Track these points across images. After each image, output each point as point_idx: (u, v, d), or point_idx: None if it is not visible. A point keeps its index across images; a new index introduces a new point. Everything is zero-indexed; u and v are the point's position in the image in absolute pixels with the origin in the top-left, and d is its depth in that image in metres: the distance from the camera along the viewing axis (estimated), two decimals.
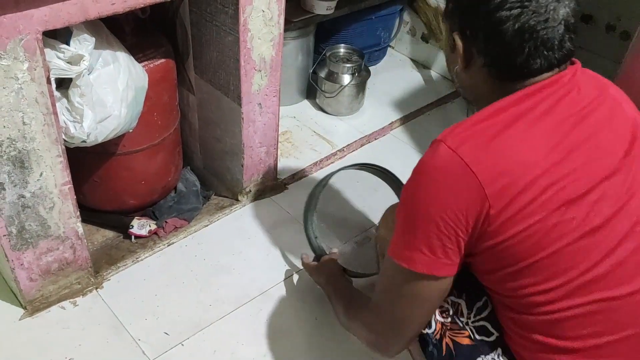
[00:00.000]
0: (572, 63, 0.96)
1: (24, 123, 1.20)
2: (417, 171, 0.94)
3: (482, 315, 1.01)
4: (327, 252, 1.57)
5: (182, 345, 1.43)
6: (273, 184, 1.88)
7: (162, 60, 1.52)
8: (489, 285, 0.98)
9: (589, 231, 0.87)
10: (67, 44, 1.22)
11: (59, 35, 1.22)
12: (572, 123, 0.90)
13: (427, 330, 1.04)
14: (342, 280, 1.42)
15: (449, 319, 1.03)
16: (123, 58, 1.36)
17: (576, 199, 0.87)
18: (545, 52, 0.90)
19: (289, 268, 1.64)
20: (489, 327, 1.01)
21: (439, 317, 1.04)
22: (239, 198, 1.82)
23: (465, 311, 1.02)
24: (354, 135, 2.14)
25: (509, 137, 0.88)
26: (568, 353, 0.91)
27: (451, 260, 0.93)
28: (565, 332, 0.90)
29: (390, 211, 1.27)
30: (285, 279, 1.61)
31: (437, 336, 1.03)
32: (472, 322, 1.02)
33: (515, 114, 0.89)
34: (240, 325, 1.49)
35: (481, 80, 0.97)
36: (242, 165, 1.74)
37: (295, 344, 1.46)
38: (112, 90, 1.32)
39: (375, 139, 2.17)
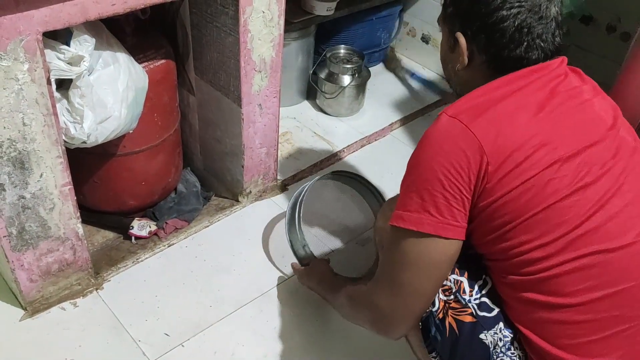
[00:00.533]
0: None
1: (24, 124, 1.20)
2: (420, 140, 0.99)
3: (483, 292, 1.03)
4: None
5: (183, 346, 1.43)
6: (273, 185, 1.88)
7: (163, 61, 1.52)
8: (487, 251, 1.00)
9: (581, 187, 0.92)
10: (68, 44, 1.22)
11: (59, 36, 1.22)
12: (562, 99, 0.97)
13: (430, 308, 1.04)
14: (335, 278, 1.42)
15: (452, 297, 1.04)
16: (123, 59, 1.36)
17: (568, 158, 0.92)
18: (542, 44, 0.99)
19: (289, 270, 1.64)
20: (490, 303, 1.02)
21: (442, 296, 1.05)
22: (239, 199, 1.82)
23: (467, 288, 1.04)
24: (354, 136, 2.15)
25: (504, 107, 0.95)
26: (565, 309, 0.93)
27: (458, 222, 0.96)
28: (561, 288, 0.93)
29: (388, 203, 1.28)
30: (285, 280, 1.61)
31: (440, 315, 1.04)
32: (474, 299, 1.03)
33: (510, 90, 0.97)
34: (240, 326, 1.49)
35: (480, 76, 1.02)
36: (243, 166, 1.74)
37: (296, 344, 1.46)
38: (113, 91, 1.32)
39: (376, 140, 2.17)
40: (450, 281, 1.05)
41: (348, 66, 2.19)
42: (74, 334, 1.43)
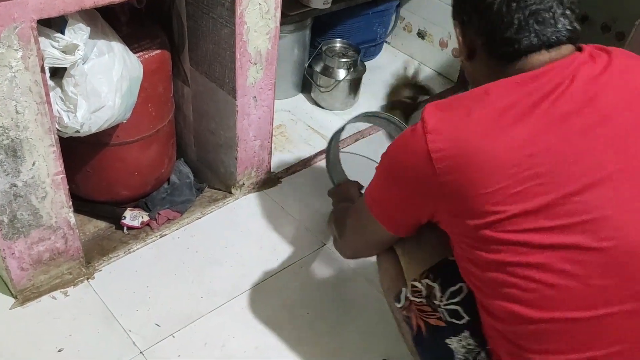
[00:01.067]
0: (581, 50, 0.91)
1: (17, 112, 1.19)
2: (399, 140, 0.96)
3: (455, 300, 1.02)
4: None
5: (173, 336, 1.43)
6: (267, 178, 1.88)
7: (158, 51, 1.52)
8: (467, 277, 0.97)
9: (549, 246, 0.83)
10: (62, 33, 1.21)
11: (53, 24, 1.21)
12: (554, 120, 0.83)
13: (397, 304, 1.11)
14: (353, 199, 1.47)
15: (421, 300, 1.06)
16: (118, 48, 1.35)
17: (537, 210, 0.82)
18: (537, 26, 0.87)
19: (281, 262, 1.64)
20: (461, 311, 1.01)
21: (409, 295, 1.08)
22: (232, 191, 1.82)
23: (438, 294, 1.04)
24: (348, 130, 2.14)
25: (481, 137, 0.84)
26: None
27: (402, 222, 1.02)
28: (536, 345, 0.88)
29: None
30: (277, 273, 1.62)
31: (405, 312, 1.09)
32: (445, 305, 1.03)
33: (503, 106, 0.85)
34: (231, 317, 1.49)
35: (483, 67, 0.95)
36: (236, 158, 1.73)
37: (286, 337, 1.46)
38: (107, 81, 1.32)
39: (370, 135, 2.17)
40: (422, 285, 1.06)
41: (343, 60, 2.19)
42: (65, 323, 1.43)
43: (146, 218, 1.67)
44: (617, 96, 0.86)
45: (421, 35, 2.52)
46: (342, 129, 1.61)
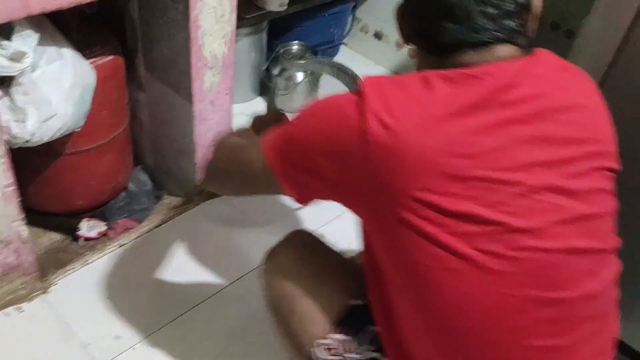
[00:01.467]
0: (532, 53, 0.85)
1: None
2: (333, 103, 0.84)
3: (373, 348, 0.97)
4: None
5: (134, 349, 1.40)
6: None
7: (111, 57, 1.48)
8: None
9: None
10: (9, 40, 1.18)
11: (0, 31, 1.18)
12: (500, 123, 0.77)
13: None
14: (264, 125, 1.18)
15: (339, 357, 1.00)
16: (69, 55, 1.32)
17: (467, 215, 0.77)
18: (449, 24, 0.80)
19: (243, 268, 1.63)
20: (379, 356, 0.97)
21: (327, 356, 1.00)
22: (192, 198, 1.80)
23: (353, 346, 0.99)
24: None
25: (426, 130, 0.77)
26: None
27: (310, 194, 0.89)
28: None
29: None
30: (238, 279, 1.60)
31: None
32: (364, 357, 0.98)
33: (447, 99, 0.78)
34: (193, 326, 1.47)
35: (423, 62, 0.88)
36: (195, 164, 1.71)
37: (250, 344, 1.45)
38: (58, 88, 1.28)
39: None
40: (337, 341, 1.00)
41: (301, 62, 2.19)
42: (20, 340, 1.39)
43: (103, 228, 1.64)
44: (561, 106, 0.81)
45: (378, 36, 2.54)
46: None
